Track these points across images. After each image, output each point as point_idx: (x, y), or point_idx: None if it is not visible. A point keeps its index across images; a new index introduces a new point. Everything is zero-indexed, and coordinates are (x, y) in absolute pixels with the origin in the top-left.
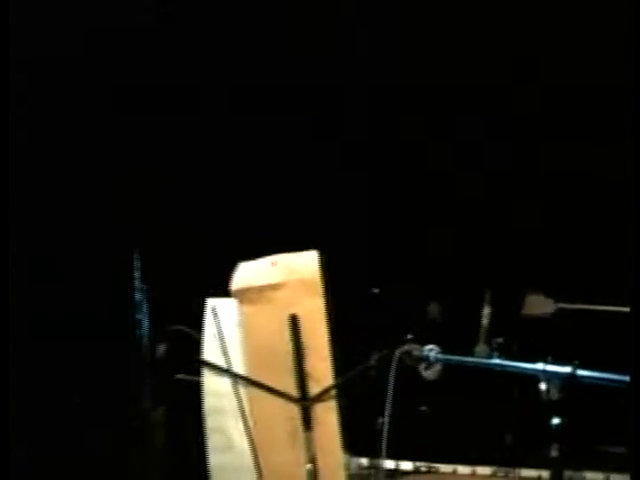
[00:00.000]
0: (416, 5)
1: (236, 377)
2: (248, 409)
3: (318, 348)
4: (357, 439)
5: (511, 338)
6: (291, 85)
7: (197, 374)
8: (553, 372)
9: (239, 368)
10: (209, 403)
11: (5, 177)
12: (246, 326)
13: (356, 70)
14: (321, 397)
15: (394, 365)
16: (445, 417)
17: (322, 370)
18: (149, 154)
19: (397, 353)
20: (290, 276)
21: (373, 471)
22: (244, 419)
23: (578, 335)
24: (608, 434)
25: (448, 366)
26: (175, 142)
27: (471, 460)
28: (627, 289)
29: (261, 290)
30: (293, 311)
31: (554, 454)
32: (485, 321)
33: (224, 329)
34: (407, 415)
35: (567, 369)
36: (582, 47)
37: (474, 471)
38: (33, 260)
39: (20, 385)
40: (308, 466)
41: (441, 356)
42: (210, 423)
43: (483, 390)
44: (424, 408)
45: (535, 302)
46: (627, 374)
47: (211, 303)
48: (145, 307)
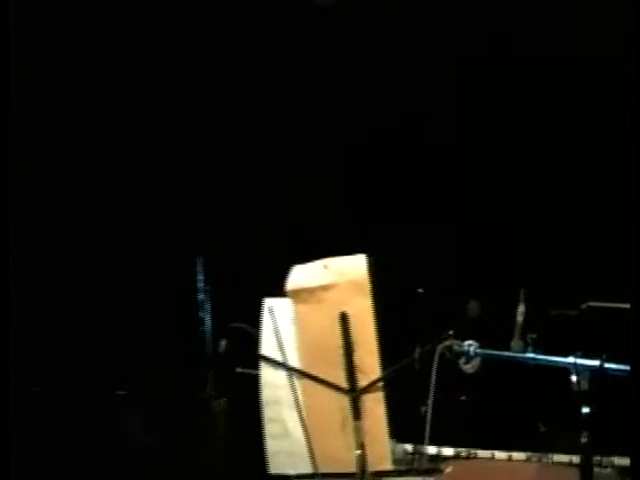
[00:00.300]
0: None
1: (291, 370)
2: (302, 400)
3: (366, 343)
4: (402, 427)
5: (544, 334)
6: None
7: (255, 368)
8: (583, 365)
9: (294, 362)
10: (266, 394)
11: (78, 186)
12: (300, 324)
13: None
14: (369, 389)
15: (436, 359)
16: (483, 407)
17: (370, 364)
18: (210, 165)
19: (439, 348)
20: (340, 278)
21: (417, 456)
22: (298, 409)
23: (605, 331)
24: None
25: (486, 360)
26: (235, 151)
27: (507, 446)
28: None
29: (314, 291)
30: (343, 310)
31: (584, 440)
32: (520, 318)
33: (280, 326)
34: (448, 405)
35: (596, 362)
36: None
37: (510, 456)
38: (115, 266)
39: (96, 376)
40: (357, 452)
41: (479, 351)
42: (267, 413)
43: (518, 382)
44: (464, 398)
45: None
46: None
47: (268, 303)
48: (208, 306)
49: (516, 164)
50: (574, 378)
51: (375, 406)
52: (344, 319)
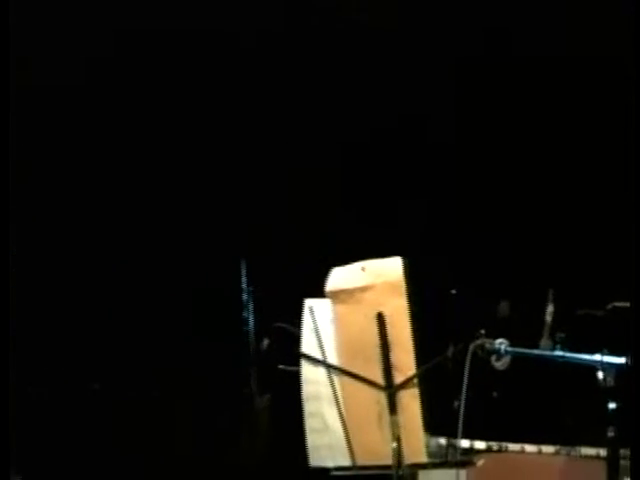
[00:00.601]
0: None
1: (330, 367)
2: (341, 395)
3: (402, 342)
4: (436, 421)
5: (572, 333)
6: None
7: (296, 365)
8: (609, 362)
9: (333, 359)
10: (307, 390)
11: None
12: (339, 323)
13: None
14: (404, 385)
15: (469, 357)
16: (513, 402)
17: (405, 361)
18: (251, 173)
19: (471, 346)
20: (377, 279)
21: (450, 449)
22: (337, 404)
23: (630, 330)
24: None
25: (516, 357)
26: (273, 157)
27: (537, 440)
28: None
29: (352, 292)
30: (380, 310)
31: (611, 434)
32: (549, 318)
33: (320, 326)
34: (480, 400)
35: (622, 360)
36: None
37: (540, 449)
38: (163, 271)
39: (146, 375)
40: (393, 445)
41: (510, 349)
42: (308, 408)
43: (547, 378)
44: (495, 394)
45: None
46: None
47: (308, 303)
48: (251, 307)
49: (540, 163)
50: (601, 375)
51: (410, 402)
52: (381, 319)
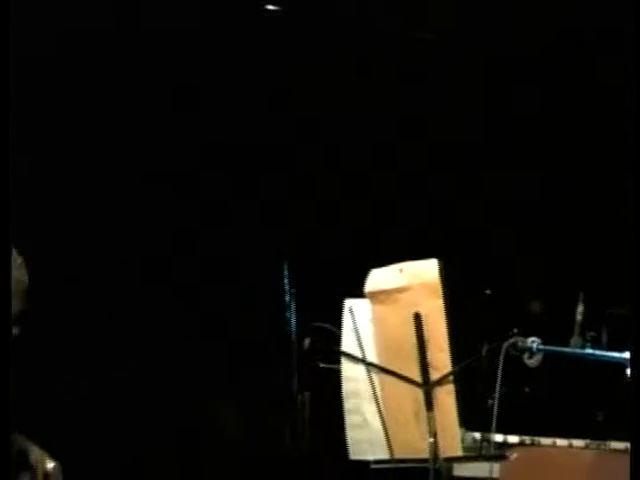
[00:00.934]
0: None
1: (370, 365)
2: (379, 392)
3: (438, 341)
4: (471, 417)
5: (601, 331)
6: None
7: (337, 363)
8: None
9: (372, 358)
10: (347, 388)
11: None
12: (377, 323)
13: None
14: (441, 382)
15: (502, 355)
16: (545, 398)
17: (441, 359)
18: (293, 175)
19: (505, 345)
20: (414, 280)
21: (485, 444)
22: (376, 401)
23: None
24: None
25: (548, 355)
26: (311, 158)
27: (568, 434)
28: None
29: (390, 292)
30: (417, 310)
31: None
32: (579, 317)
33: (359, 325)
34: (513, 396)
35: None
36: None
37: (570, 443)
38: (208, 270)
39: (193, 372)
40: (430, 440)
41: (542, 347)
42: (348, 404)
43: (578, 375)
44: (527, 390)
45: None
46: None
47: (348, 303)
48: (293, 307)
49: (576, 166)
50: (629, 372)
51: (446, 398)
52: (417, 319)
